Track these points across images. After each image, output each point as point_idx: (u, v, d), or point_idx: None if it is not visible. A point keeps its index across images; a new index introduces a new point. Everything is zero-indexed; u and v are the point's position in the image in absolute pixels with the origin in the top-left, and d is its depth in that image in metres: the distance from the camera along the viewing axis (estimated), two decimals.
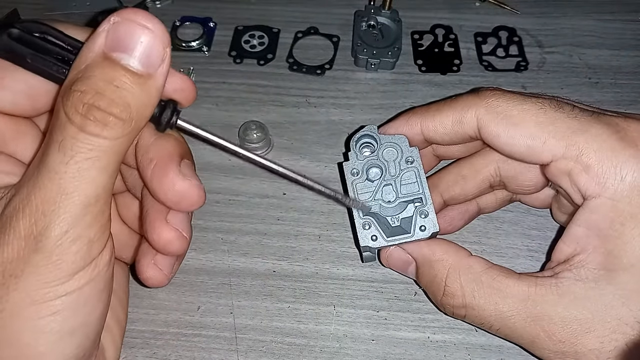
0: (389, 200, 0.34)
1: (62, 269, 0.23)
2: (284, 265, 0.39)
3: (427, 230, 0.33)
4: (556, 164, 0.30)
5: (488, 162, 0.36)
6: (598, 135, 0.29)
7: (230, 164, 0.44)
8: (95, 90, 0.22)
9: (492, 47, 0.52)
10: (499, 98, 0.31)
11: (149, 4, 0.55)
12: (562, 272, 0.30)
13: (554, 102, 0.31)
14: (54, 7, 0.55)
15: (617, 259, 0.28)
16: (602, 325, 0.28)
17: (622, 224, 0.28)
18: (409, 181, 0.34)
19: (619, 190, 0.28)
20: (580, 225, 0.30)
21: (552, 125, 0.30)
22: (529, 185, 0.35)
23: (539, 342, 0.30)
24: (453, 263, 0.32)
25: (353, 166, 0.35)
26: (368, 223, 0.33)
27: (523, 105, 0.31)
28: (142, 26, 0.23)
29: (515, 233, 0.41)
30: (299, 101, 0.48)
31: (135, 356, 0.36)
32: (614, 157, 0.28)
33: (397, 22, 0.51)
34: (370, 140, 0.35)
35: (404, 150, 0.35)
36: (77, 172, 0.22)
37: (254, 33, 0.53)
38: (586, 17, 0.54)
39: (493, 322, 0.31)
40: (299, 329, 0.37)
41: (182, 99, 0.28)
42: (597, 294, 0.28)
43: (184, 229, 0.29)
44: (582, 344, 0.28)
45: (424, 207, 0.33)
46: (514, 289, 0.30)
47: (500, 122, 0.31)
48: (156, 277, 0.30)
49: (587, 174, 0.29)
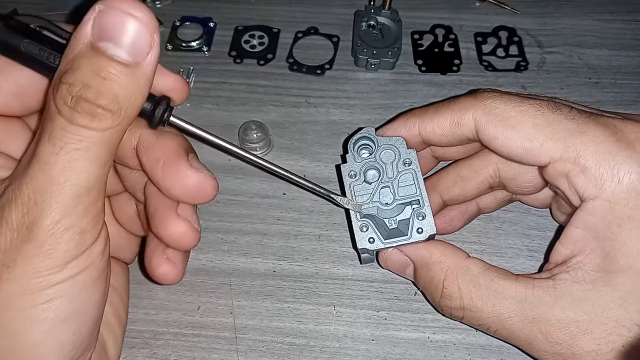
0: (386, 202, 0.34)
1: (55, 258, 0.23)
2: (284, 265, 0.39)
3: (424, 233, 0.33)
4: (554, 166, 0.30)
5: (487, 163, 0.36)
6: (595, 137, 0.29)
7: (231, 164, 0.44)
8: (83, 82, 0.22)
9: (492, 47, 0.52)
10: (496, 100, 0.31)
11: (149, 4, 0.55)
12: (560, 273, 0.30)
13: (551, 104, 0.31)
14: (54, 7, 0.55)
15: (614, 260, 0.28)
16: (599, 327, 0.28)
17: (619, 226, 0.28)
18: (407, 183, 0.34)
19: (616, 192, 0.28)
20: (578, 227, 0.30)
21: (550, 127, 0.30)
22: (528, 186, 0.35)
23: (537, 344, 0.30)
24: (450, 265, 0.32)
25: (351, 168, 0.35)
26: (365, 225, 0.33)
27: (520, 107, 0.30)
28: (128, 14, 0.22)
29: (515, 233, 0.41)
30: (299, 101, 0.48)
31: (135, 356, 0.36)
32: (611, 158, 0.28)
33: (397, 22, 0.51)
34: (367, 142, 0.35)
35: (402, 152, 0.35)
36: (68, 162, 0.22)
37: (254, 33, 0.53)
38: (586, 17, 0.54)
39: (491, 324, 0.31)
40: (299, 329, 0.37)
41: (174, 97, 0.28)
42: (594, 296, 0.28)
43: (195, 221, 0.29)
44: (579, 346, 0.28)
45: (421, 209, 0.33)
46: (511, 291, 0.30)
47: (497, 124, 0.31)
48: (171, 272, 0.30)
49: (585, 176, 0.29)
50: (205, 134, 0.28)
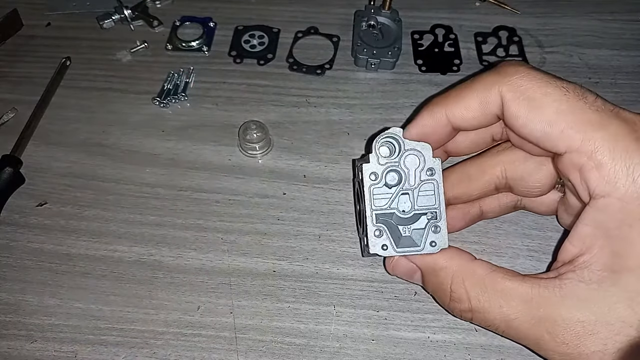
0: (403, 209, 0.33)
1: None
2: (284, 265, 0.39)
3: (437, 247, 0.33)
4: (569, 156, 0.29)
5: (495, 163, 0.36)
6: (616, 133, 0.28)
7: (231, 163, 0.44)
8: None
9: (492, 47, 0.52)
10: (522, 77, 0.30)
11: (149, 4, 0.55)
12: (566, 273, 0.29)
13: (578, 89, 0.30)
14: (54, 7, 0.55)
15: (623, 260, 0.28)
16: (605, 327, 0.28)
17: (630, 226, 0.28)
18: (427, 193, 0.33)
19: (629, 191, 0.28)
20: (588, 224, 0.29)
21: (573, 115, 0.29)
22: (535, 187, 0.35)
23: (544, 344, 0.30)
24: (457, 269, 0.32)
25: (373, 169, 0.34)
26: (380, 230, 0.33)
27: (547, 89, 0.30)
28: None
29: (515, 233, 0.41)
30: (299, 101, 0.48)
31: (135, 356, 0.36)
32: (628, 157, 0.28)
33: (397, 22, 0.51)
34: (392, 141, 0.34)
35: (427, 160, 0.33)
36: None
37: (254, 33, 0.53)
38: (586, 17, 0.54)
39: (498, 325, 0.31)
40: (299, 329, 0.37)
41: None
42: (600, 296, 0.28)
43: None
44: (585, 346, 0.28)
45: (437, 222, 0.33)
46: (517, 291, 0.30)
47: (521, 103, 0.30)
48: None
49: (599, 172, 0.28)
50: None
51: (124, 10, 0.54)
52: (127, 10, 0.54)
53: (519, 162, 0.35)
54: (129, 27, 0.54)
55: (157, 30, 0.54)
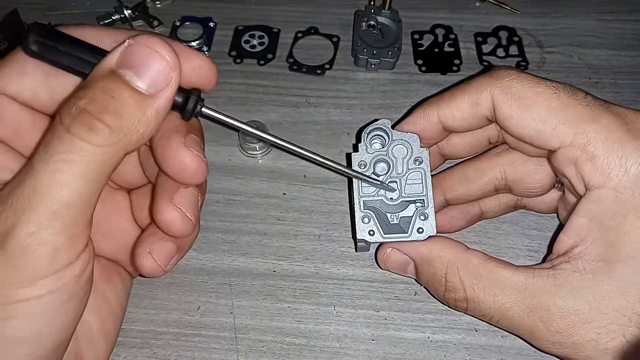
0: (391, 197, 0.34)
1: (23, 273, 0.22)
2: (284, 265, 0.39)
3: (424, 233, 0.33)
4: (563, 151, 0.30)
5: (494, 164, 0.36)
6: (607, 125, 0.29)
7: (231, 163, 0.44)
8: (91, 97, 0.22)
9: (492, 47, 0.52)
10: (513, 79, 0.31)
11: (149, 4, 0.55)
12: (561, 263, 0.30)
13: (567, 88, 0.31)
14: (54, 7, 0.55)
15: (617, 250, 0.28)
16: (599, 316, 0.28)
17: (623, 216, 0.28)
18: (415, 181, 0.34)
19: (622, 181, 0.28)
20: (582, 216, 0.30)
21: (564, 111, 0.30)
22: (535, 188, 0.35)
23: (538, 333, 0.30)
24: (451, 258, 0.32)
25: (361, 158, 0.35)
26: (367, 216, 0.34)
27: (537, 88, 0.31)
28: (154, 50, 0.23)
29: (515, 233, 0.41)
30: (299, 101, 0.48)
31: (135, 356, 0.36)
32: (620, 148, 0.28)
33: (397, 22, 0.51)
34: (381, 133, 0.35)
35: (414, 149, 0.34)
36: (52, 172, 0.22)
37: (254, 33, 0.53)
38: (586, 17, 0.54)
39: (493, 314, 0.31)
40: (299, 329, 0.37)
41: (202, 78, 0.28)
42: (594, 286, 0.29)
43: (189, 210, 0.28)
44: (579, 335, 0.29)
45: (425, 209, 0.33)
46: (512, 280, 0.30)
47: (513, 104, 0.31)
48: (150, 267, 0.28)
49: (592, 164, 0.29)
50: (237, 123, 0.28)
51: (124, 10, 0.54)
52: (127, 10, 0.54)
53: (518, 163, 0.35)
54: (129, 27, 0.54)
55: (157, 30, 0.54)
